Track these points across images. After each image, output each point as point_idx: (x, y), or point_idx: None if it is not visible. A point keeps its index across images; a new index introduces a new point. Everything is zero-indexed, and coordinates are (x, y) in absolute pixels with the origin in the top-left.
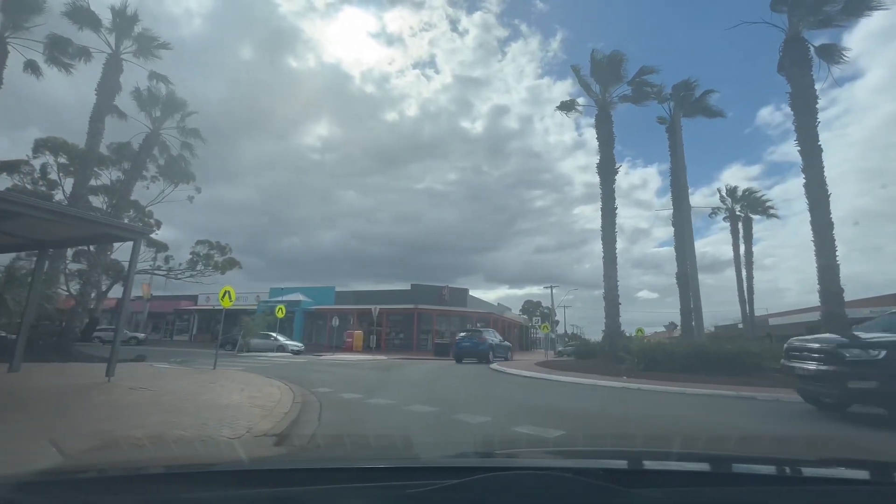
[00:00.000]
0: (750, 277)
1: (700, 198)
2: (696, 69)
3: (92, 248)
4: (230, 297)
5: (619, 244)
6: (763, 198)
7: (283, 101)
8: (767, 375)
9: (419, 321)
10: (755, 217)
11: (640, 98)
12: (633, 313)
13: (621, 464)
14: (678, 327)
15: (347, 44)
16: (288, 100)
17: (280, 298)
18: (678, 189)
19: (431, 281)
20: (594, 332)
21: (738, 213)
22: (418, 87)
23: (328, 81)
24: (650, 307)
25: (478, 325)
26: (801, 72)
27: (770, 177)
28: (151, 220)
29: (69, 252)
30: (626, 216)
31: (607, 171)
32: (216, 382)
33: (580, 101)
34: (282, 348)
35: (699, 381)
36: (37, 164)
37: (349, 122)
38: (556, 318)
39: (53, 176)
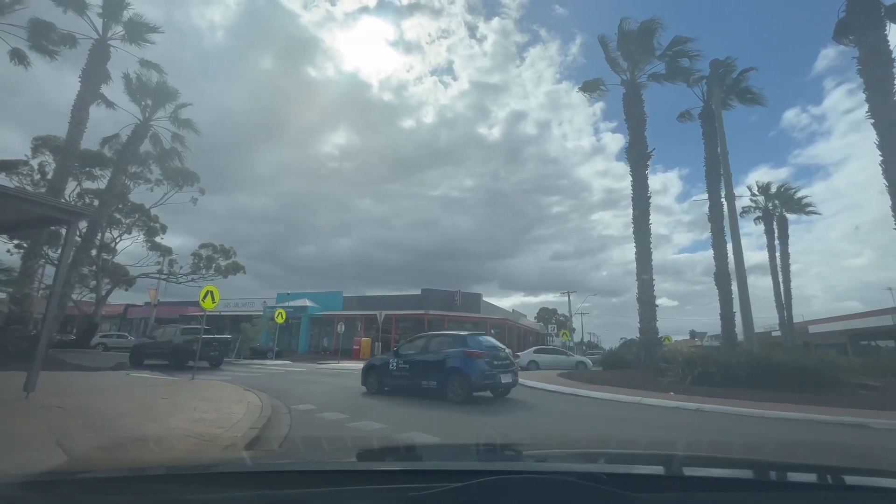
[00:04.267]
0: (787, 281)
1: (723, 202)
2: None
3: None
4: (213, 298)
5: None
6: (798, 195)
7: (302, 111)
8: (850, 392)
9: (430, 328)
10: (790, 216)
11: (673, 75)
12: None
13: (626, 468)
14: (707, 335)
15: (366, 52)
16: (307, 109)
17: (286, 304)
18: (714, 180)
19: (445, 287)
20: (611, 341)
21: (770, 210)
22: (436, 93)
23: (347, 90)
24: (670, 315)
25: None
26: (874, 32)
27: (796, 180)
28: (157, 225)
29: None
30: None
31: (638, 156)
32: (171, 398)
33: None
34: (582, 365)
35: (769, 399)
36: (36, 163)
37: (367, 130)
38: (573, 326)
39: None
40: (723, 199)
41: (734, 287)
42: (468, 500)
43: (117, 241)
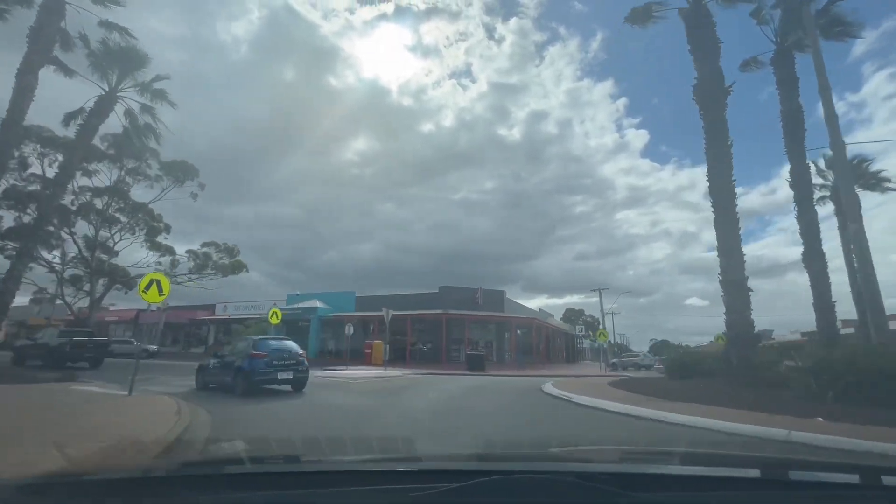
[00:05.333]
0: (867, 269)
1: (756, 197)
2: (749, 54)
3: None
4: (160, 290)
5: (665, 249)
6: (874, 169)
7: (324, 119)
8: None
9: (448, 328)
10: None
11: None
12: (681, 321)
13: (624, 467)
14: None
15: (385, 59)
16: (328, 117)
17: (296, 306)
18: (796, 137)
19: (466, 285)
20: (639, 343)
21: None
22: (454, 96)
23: (366, 97)
24: (701, 315)
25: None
26: None
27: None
28: (160, 224)
29: (62, 252)
30: (672, 219)
31: (712, 93)
32: (39, 426)
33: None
34: None
35: None
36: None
37: (387, 136)
38: (601, 327)
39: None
40: (809, 161)
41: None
42: (468, 500)
43: (111, 238)
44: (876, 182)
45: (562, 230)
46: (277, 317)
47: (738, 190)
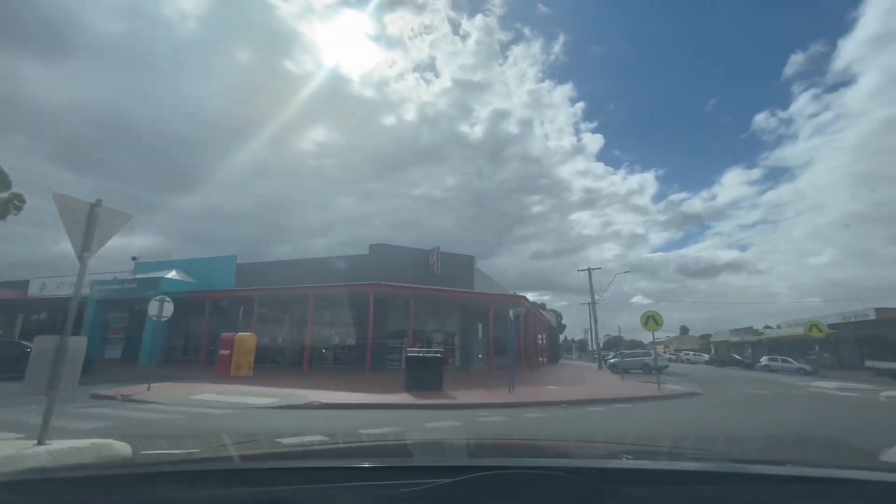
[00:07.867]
0: None
1: (699, 202)
2: (694, 75)
3: None
4: None
5: (615, 249)
6: None
7: (280, 106)
8: None
9: (378, 313)
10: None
11: None
12: (627, 318)
13: (612, 463)
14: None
15: (346, 46)
16: (285, 104)
17: (147, 275)
18: None
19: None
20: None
21: None
22: (418, 90)
23: (326, 85)
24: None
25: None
26: None
27: (765, 181)
28: None
29: None
30: (622, 222)
31: None
32: None
33: None
34: None
35: None
36: None
37: (347, 127)
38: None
39: None
40: None
41: None
42: (458, 495)
43: None
44: None
45: (520, 229)
46: None
47: (682, 195)
